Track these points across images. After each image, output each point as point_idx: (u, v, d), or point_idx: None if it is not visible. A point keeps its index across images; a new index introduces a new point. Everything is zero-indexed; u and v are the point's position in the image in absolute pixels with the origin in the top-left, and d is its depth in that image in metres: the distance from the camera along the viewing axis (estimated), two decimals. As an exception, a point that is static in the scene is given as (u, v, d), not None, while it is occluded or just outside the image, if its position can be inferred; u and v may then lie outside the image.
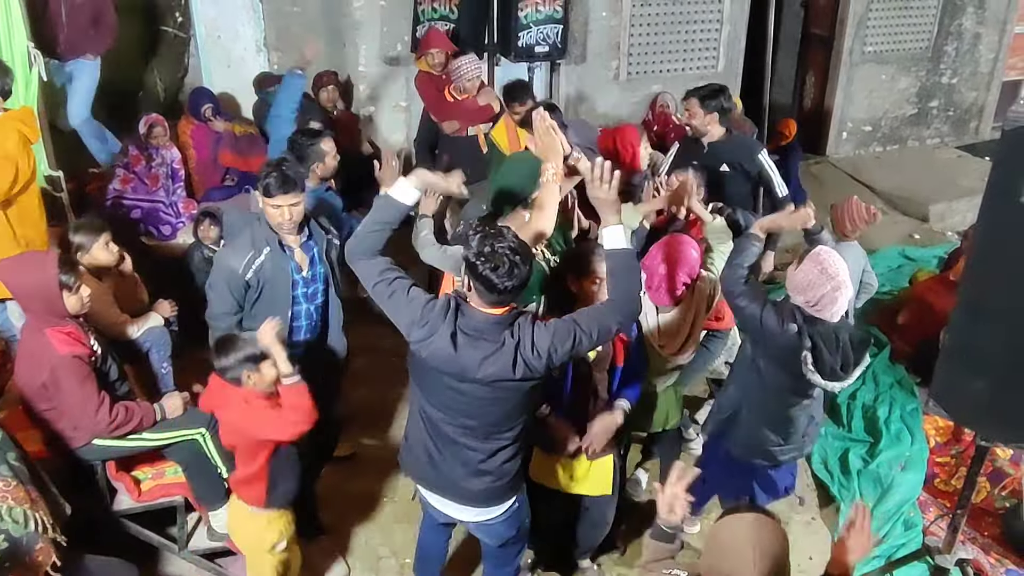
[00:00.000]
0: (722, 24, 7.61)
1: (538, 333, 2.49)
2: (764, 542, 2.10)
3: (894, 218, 7.68)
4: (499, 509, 2.86)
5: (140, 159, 5.40)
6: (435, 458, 2.76)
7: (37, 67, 4.27)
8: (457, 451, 2.70)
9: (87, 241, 3.66)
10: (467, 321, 2.49)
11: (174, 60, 6.90)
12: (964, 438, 4.37)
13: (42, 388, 3.10)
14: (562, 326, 2.51)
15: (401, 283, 2.58)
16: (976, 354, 2.63)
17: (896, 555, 3.73)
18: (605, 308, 2.60)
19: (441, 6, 6.10)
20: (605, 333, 2.59)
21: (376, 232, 2.64)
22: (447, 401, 2.62)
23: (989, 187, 2.55)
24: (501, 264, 2.38)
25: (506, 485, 2.80)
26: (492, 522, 2.90)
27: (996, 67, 9.26)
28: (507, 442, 2.70)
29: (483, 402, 2.57)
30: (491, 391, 2.53)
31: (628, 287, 2.58)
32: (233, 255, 3.30)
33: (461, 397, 2.57)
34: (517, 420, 2.68)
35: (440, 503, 2.90)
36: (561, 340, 2.49)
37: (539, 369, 2.50)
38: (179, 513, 3.57)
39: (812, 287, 2.95)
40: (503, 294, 2.43)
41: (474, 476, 2.73)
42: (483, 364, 2.47)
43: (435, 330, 2.49)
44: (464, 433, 2.67)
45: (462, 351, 2.47)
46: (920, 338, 4.84)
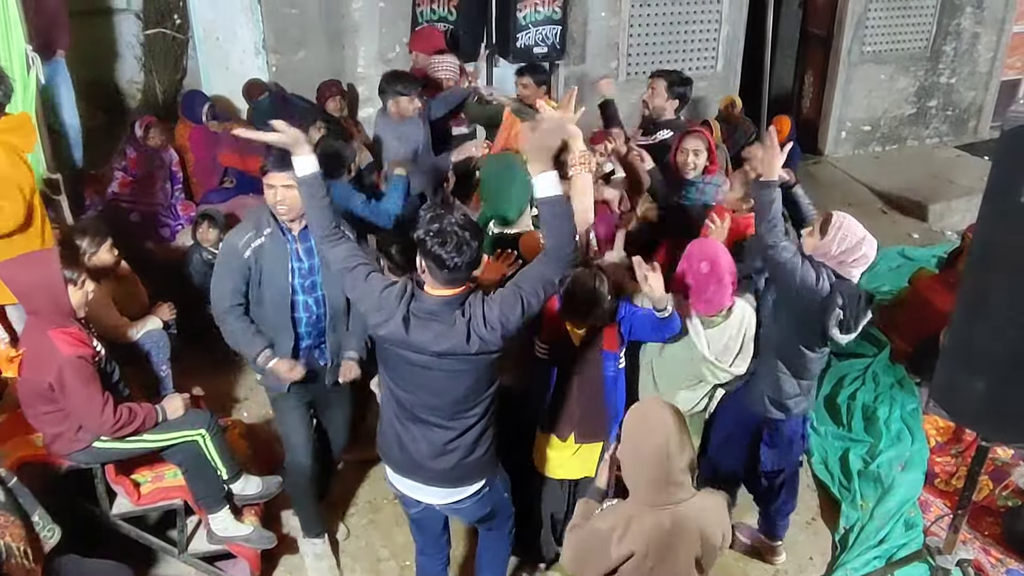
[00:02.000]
0: (721, 24, 7.61)
1: (488, 306, 2.55)
2: (666, 407, 2.31)
3: (893, 218, 7.68)
4: (467, 491, 2.87)
5: (138, 162, 5.39)
6: (403, 439, 2.80)
7: (35, 69, 4.26)
8: (425, 431, 2.74)
9: (94, 244, 3.65)
10: (419, 305, 2.56)
11: (172, 62, 6.91)
12: (965, 438, 4.36)
13: (47, 390, 3.10)
14: (508, 294, 2.56)
15: (362, 269, 2.66)
16: (976, 354, 2.63)
17: (897, 555, 3.73)
18: (544, 263, 2.60)
19: (440, 7, 6.11)
20: (550, 287, 2.62)
21: (317, 210, 2.74)
22: (411, 380, 2.67)
23: (988, 186, 2.54)
24: (449, 240, 2.43)
25: (475, 464, 2.82)
26: (461, 505, 2.91)
27: (995, 66, 9.26)
28: (474, 419, 2.73)
29: (446, 376, 2.61)
30: (450, 365, 2.58)
31: (562, 233, 2.57)
32: (235, 234, 3.28)
33: (423, 373, 2.62)
34: (482, 396, 2.71)
35: (410, 488, 2.92)
36: (510, 308, 2.54)
37: (494, 341, 2.55)
38: (179, 516, 3.56)
39: (849, 252, 3.07)
40: (453, 271, 2.48)
41: (441, 455, 2.76)
42: (437, 340, 2.54)
43: (390, 315, 2.56)
44: (431, 412, 2.71)
45: (413, 333, 2.54)
46: (920, 338, 4.84)
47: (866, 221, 3.26)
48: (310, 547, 3.74)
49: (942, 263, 5.62)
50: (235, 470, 3.56)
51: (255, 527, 3.60)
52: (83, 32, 6.32)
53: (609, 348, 3.18)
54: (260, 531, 3.61)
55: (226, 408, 4.60)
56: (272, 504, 3.86)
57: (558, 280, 2.65)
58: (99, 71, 6.76)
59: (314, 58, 6.70)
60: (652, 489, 2.28)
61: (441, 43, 5.60)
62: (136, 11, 6.89)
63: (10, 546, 2.76)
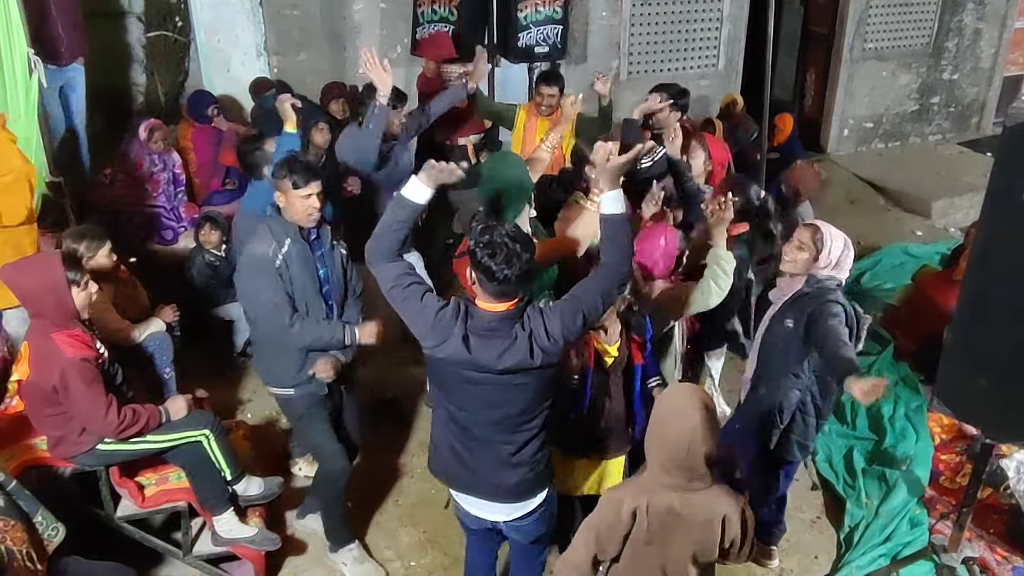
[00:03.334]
0: (722, 23, 7.60)
1: (549, 320, 2.53)
2: (701, 393, 2.35)
3: (896, 215, 7.66)
4: (534, 502, 2.84)
5: (141, 164, 5.40)
6: (464, 457, 2.76)
7: (37, 73, 4.27)
8: (488, 447, 2.71)
9: (92, 248, 3.66)
10: (476, 322, 2.52)
11: (174, 65, 6.91)
12: (969, 435, 4.35)
13: (51, 393, 3.11)
14: (568, 307, 2.56)
15: (416, 289, 2.60)
16: (980, 351, 2.62)
17: (902, 553, 3.73)
18: (603, 275, 2.63)
19: (441, 7, 6.10)
20: (608, 299, 2.66)
21: (393, 231, 2.64)
22: (470, 398, 2.63)
23: (991, 183, 2.54)
24: (499, 252, 2.41)
25: (539, 475, 2.80)
26: (526, 519, 2.87)
27: (997, 63, 9.24)
28: (535, 431, 2.71)
29: (507, 391, 2.58)
30: (512, 379, 2.55)
31: (622, 250, 2.63)
32: (258, 245, 3.20)
33: (484, 390, 2.58)
34: (541, 407, 2.69)
35: (474, 505, 2.88)
36: (571, 320, 2.54)
37: (556, 353, 2.55)
38: (183, 518, 3.56)
39: (841, 255, 3.17)
40: (503, 284, 2.44)
41: (507, 468, 2.72)
42: (501, 358, 2.50)
43: (448, 335, 2.51)
44: (492, 428, 2.67)
45: (476, 352, 2.50)
46: (923, 335, 4.83)
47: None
48: (348, 555, 3.71)
49: (945, 260, 5.61)
50: (238, 471, 3.57)
51: (259, 529, 3.60)
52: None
53: (638, 362, 3.21)
54: (264, 533, 3.61)
55: (229, 410, 4.60)
56: (276, 506, 3.86)
57: (616, 293, 2.71)
58: (101, 74, 6.73)
59: (315, 60, 6.70)
60: (669, 470, 2.34)
61: (451, 49, 5.60)
62: (137, 14, 6.89)
63: (12, 550, 2.78)
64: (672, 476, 2.35)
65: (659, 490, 2.37)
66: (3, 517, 2.85)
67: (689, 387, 2.43)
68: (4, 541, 2.78)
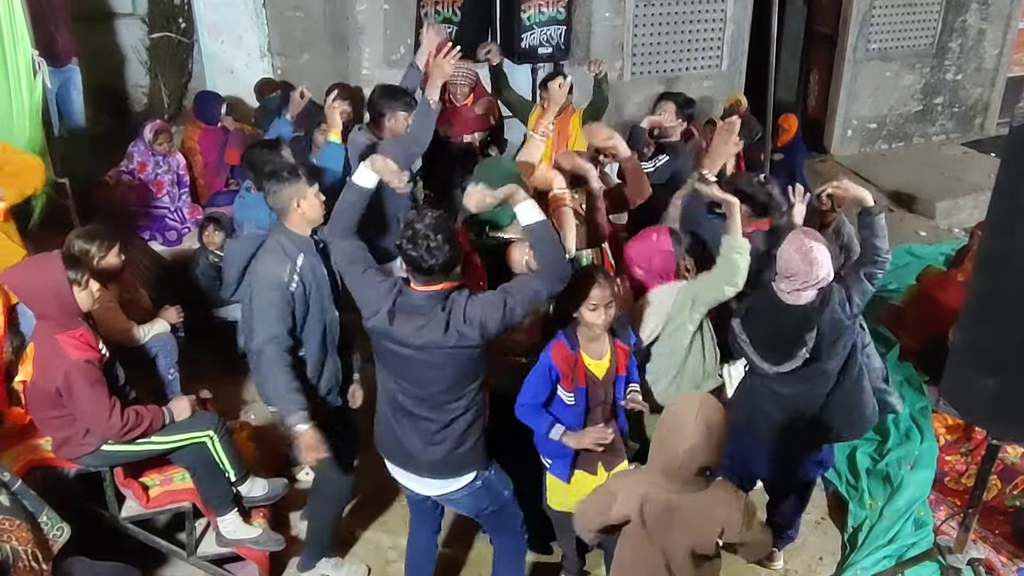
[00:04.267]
0: (725, 23, 7.60)
1: (470, 304, 2.69)
2: (707, 410, 2.31)
3: (900, 215, 7.65)
4: (458, 483, 2.97)
5: (145, 165, 5.41)
6: (395, 431, 2.93)
7: (41, 74, 4.28)
8: (414, 422, 2.87)
9: (104, 247, 3.66)
10: (405, 300, 2.73)
11: (177, 66, 6.93)
12: (974, 436, 4.34)
13: (55, 394, 3.11)
14: (493, 298, 2.71)
15: (361, 265, 2.84)
16: (985, 352, 2.62)
17: (907, 555, 3.72)
18: (533, 277, 2.78)
19: (444, 8, 6.11)
20: (535, 299, 2.77)
21: (347, 212, 2.92)
22: (398, 370, 2.82)
23: (996, 184, 2.53)
24: (420, 244, 2.60)
25: (466, 456, 2.92)
26: (455, 496, 3.02)
27: (1001, 63, 9.22)
28: (460, 412, 2.84)
29: (428, 368, 2.74)
30: (429, 357, 2.71)
31: (551, 255, 2.74)
32: (274, 266, 3.11)
33: (408, 365, 2.77)
34: (465, 389, 2.82)
35: (404, 478, 3.05)
36: (492, 309, 2.67)
37: (473, 337, 2.67)
38: (187, 519, 3.57)
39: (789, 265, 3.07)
40: (428, 273, 2.65)
41: (430, 445, 2.88)
42: (418, 333, 2.68)
43: (379, 308, 2.73)
44: (418, 404, 2.84)
45: (396, 325, 2.71)
46: (928, 336, 4.82)
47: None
48: (326, 564, 3.67)
49: (950, 261, 5.60)
50: (243, 472, 3.57)
51: (264, 529, 3.61)
52: (88, 37, 6.34)
53: (621, 372, 3.16)
54: (269, 533, 3.61)
55: (233, 410, 4.60)
56: (280, 506, 3.86)
57: (544, 295, 2.79)
58: (105, 75, 6.77)
59: (319, 60, 6.71)
60: (667, 475, 2.38)
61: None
62: (141, 15, 6.91)
63: (16, 550, 2.79)
64: (669, 480, 2.39)
65: (656, 488, 2.42)
66: (8, 517, 2.86)
67: (696, 400, 2.38)
68: (9, 541, 2.79)
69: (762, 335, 3.19)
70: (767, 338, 3.18)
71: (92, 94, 6.11)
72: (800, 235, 3.11)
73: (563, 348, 3.03)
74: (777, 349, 3.16)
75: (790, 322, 3.11)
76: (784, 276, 3.11)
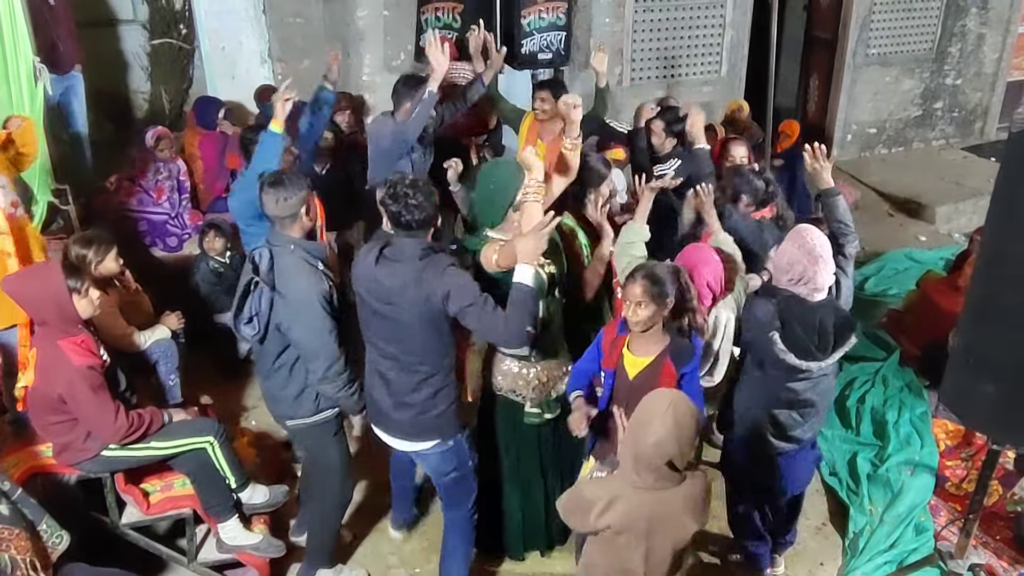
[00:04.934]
0: (724, 29, 7.60)
1: (451, 267, 2.89)
2: (676, 404, 2.37)
3: (900, 220, 7.66)
4: (425, 445, 3.15)
5: (146, 172, 5.42)
6: (373, 392, 3.15)
7: (43, 81, 4.29)
8: (386, 383, 3.07)
9: (101, 252, 3.66)
10: (392, 249, 2.95)
11: (178, 72, 6.94)
12: (975, 441, 4.34)
13: (57, 400, 3.12)
14: (470, 285, 2.87)
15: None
16: (985, 357, 2.62)
17: (908, 560, 3.71)
18: (501, 316, 2.84)
19: (444, 14, 6.12)
20: (488, 329, 2.90)
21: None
22: (375, 329, 3.03)
23: (996, 189, 2.54)
24: (400, 199, 2.84)
25: (430, 422, 3.08)
26: (425, 453, 3.19)
27: (1000, 68, 9.23)
28: (426, 375, 3.01)
29: (397, 326, 2.94)
30: (398, 312, 2.90)
31: (520, 319, 2.83)
32: (312, 281, 3.06)
33: (382, 324, 2.98)
34: (431, 354, 2.99)
35: (382, 434, 3.24)
36: (463, 291, 2.84)
37: (436, 293, 2.83)
38: (188, 525, 3.57)
39: (792, 265, 3.08)
40: (407, 228, 2.88)
41: (398, 406, 3.07)
42: (393, 275, 2.89)
43: (367, 255, 2.97)
44: (391, 366, 3.03)
45: (380, 269, 2.92)
46: (928, 341, 4.82)
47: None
48: (327, 574, 3.65)
49: (950, 266, 5.60)
50: (243, 479, 3.57)
51: (264, 536, 3.61)
52: (90, 43, 6.34)
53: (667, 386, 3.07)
54: (269, 540, 3.61)
55: (234, 417, 4.60)
56: (281, 512, 3.86)
57: (493, 336, 3.03)
58: (106, 81, 6.78)
59: (319, 66, 6.69)
60: (639, 471, 2.42)
61: (455, 52, 5.60)
62: (142, 22, 6.93)
63: (15, 559, 2.78)
64: (641, 476, 2.43)
65: (631, 493, 2.45)
66: (7, 526, 2.85)
67: (667, 395, 2.44)
68: (8, 550, 2.78)
69: (801, 340, 3.10)
70: (808, 340, 3.10)
71: (93, 100, 6.11)
72: (801, 233, 3.12)
73: (613, 329, 3.14)
74: (822, 347, 3.11)
75: (826, 317, 3.10)
76: (795, 280, 3.10)
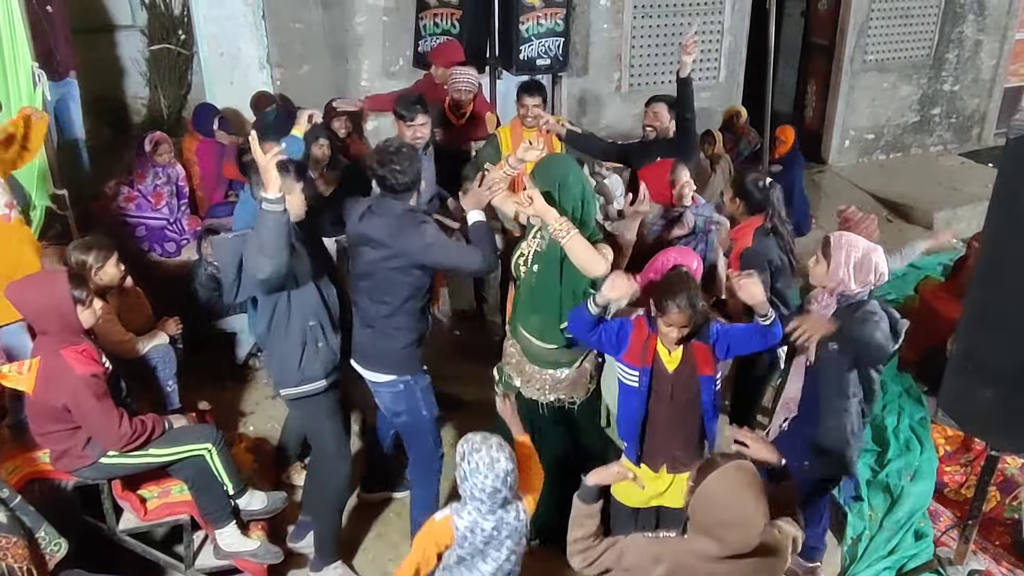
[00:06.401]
0: (723, 35, 7.63)
1: (426, 224, 3.23)
2: (756, 484, 2.17)
3: (898, 226, 7.66)
4: (378, 376, 3.43)
5: (144, 177, 5.42)
6: (355, 326, 3.46)
7: (41, 87, 4.29)
8: (359, 311, 3.42)
9: (101, 258, 3.66)
10: (379, 204, 3.26)
11: (177, 77, 6.95)
12: (974, 447, 4.34)
13: (61, 410, 3.11)
14: (441, 235, 3.26)
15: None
16: (984, 363, 2.62)
17: (907, 566, 3.71)
18: (470, 248, 3.26)
19: (443, 20, 6.13)
20: (466, 261, 3.25)
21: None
22: (357, 267, 3.36)
23: (994, 194, 2.55)
24: (386, 165, 3.15)
25: (385, 354, 3.39)
26: (378, 388, 3.48)
27: (998, 74, 9.26)
28: (390, 311, 3.31)
29: (372, 264, 3.26)
30: (370, 254, 3.24)
31: (487, 245, 3.25)
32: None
33: (361, 257, 3.31)
34: (400, 292, 3.29)
35: (354, 362, 3.50)
36: (438, 241, 3.20)
37: (412, 247, 3.17)
38: (185, 531, 3.56)
39: (860, 266, 3.08)
40: (393, 191, 3.21)
41: (363, 329, 3.41)
42: (374, 227, 3.21)
43: (356, 210, 3.30)
44: (362, 294, 3.36)
45: (364, 222, 3.25)
46: (927, 346, 4.82)
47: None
48: (332, 573, 3.67)
49: (948, 271, 5.60)
50: (241, 485, 3.56)
51: (262, 542, 3.59)
52: (89, 48, 6.37)
53: (705, 372, 3.09)
54: (267, 546, 3.59)
55: (232, 422, 4.59)
56: (279, 519, 3.85)
57: (475, 265, 3.25)
58: (104, 87, 6.79)
59: (318, 72, 6.74)
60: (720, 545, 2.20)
61: (461, 56, 5.60)
62: (141, 27, 6.94)
63: (12, 567, 2.77)
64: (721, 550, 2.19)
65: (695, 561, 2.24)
66: (5, 534, 2.85)
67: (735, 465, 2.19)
68: (5, 559, 2.78)
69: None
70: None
71: (91, 106, 6.13)
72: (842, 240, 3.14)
73: (643, 325, 3.08)
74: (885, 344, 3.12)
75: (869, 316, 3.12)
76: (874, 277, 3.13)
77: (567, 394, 3.51)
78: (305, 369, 3.31)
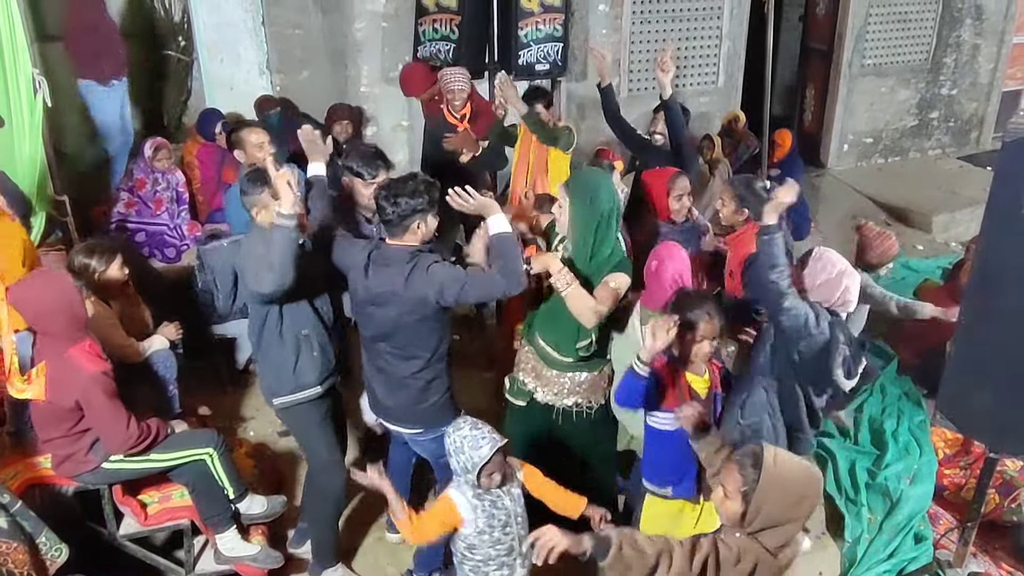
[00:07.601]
0: (721, 40, 7.65)
1: (435, 265, 3.03)
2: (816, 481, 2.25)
3: (897, 230, 7.66)
4: (417, 429, 3.31)
5: (145, 182, 5.43)
6: (371, 382, 3.34)
7: (42, 93, 4.30)
8: (381, 373, 3.25)
9: (104, 261, 3.67)
10: (380, 253, 3.10)
11: (177, 83, 6.95)
12: (973, 450, 4.34)
13: (71, 410, 3.11)
14: (456, 272, 3.04)
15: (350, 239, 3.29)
16: (982, 365, 2.63)
17: (907, 569, 3.71)
18: (491, 275, 3.04)
19: (442, 26, 6.14)
20: (488, 292, 3.11)
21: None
22: (371, 325, 3.16)
23: (991, 198, 2.56)
24: (388, 198, 3.00)
25: (423, 412, 3.24)
26: (418, 438, 3.35)
27: (995, 78, 9.29)
28: (422, 365, 3.17)
29: (390, 322, 3.09)
30: (391, 310, 3.05)
31: (510, 264, 3.00)
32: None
33: (375, 314, 3.11)
34: (428, 344, 3.15)
35: (383, 421, 3.42)
36: (451, 281, 3.00)
37: (428, 293, 2.99)
38: (186, 536, 3.56)
39: (828, 285, 3.01)
40: (388, 223, 3.04)
41: (392, 395, 3.25)
42: (382, 281, 3.04)
43: (357, 264, 3.11)
44: (384, 354, 3.19)
45: (371, 277, 3.08)
46: (925, 349, 4.83)
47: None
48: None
49: (947, 275, 5.61)
50: (241, 489, 3.57)
51: (262, 546, 3.60)
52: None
53: (717, 388, 3.15)
54: (267, 551, 3.60)
55: (232, 427, 4.59)
56: (279, 523, 3.85)
57: (499, 292, 3.09)
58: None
59: (317, 78, 6.75)
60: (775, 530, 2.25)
61: (431, 77, 5.65)
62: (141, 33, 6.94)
63: (13, 573, 2.78)
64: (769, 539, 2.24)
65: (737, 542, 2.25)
66: (6, 540, 2.85)
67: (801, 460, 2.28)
68: (6, 564, 2.78)
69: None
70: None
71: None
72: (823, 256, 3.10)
73: (665, 367, 3.04)
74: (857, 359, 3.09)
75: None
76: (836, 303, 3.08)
77: (585, 398, 3.47)
78: (300, 376, 3.31)
